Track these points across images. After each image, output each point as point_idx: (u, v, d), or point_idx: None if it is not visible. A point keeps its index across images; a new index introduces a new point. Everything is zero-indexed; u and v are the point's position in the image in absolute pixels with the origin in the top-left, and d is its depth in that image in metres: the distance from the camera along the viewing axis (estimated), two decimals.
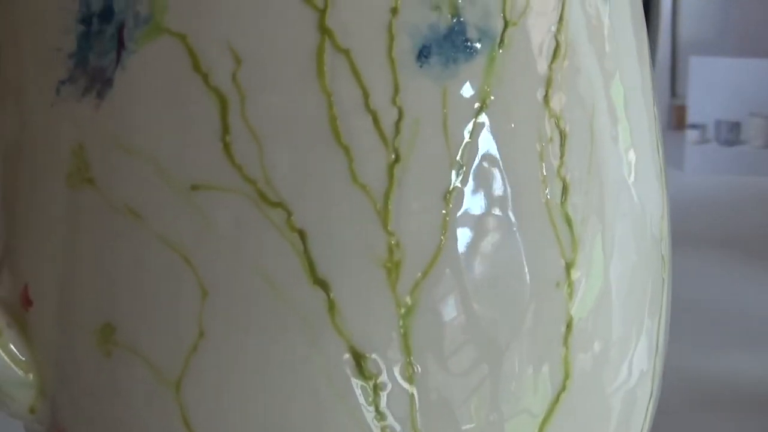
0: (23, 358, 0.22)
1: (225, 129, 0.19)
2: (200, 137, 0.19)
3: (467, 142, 0.20)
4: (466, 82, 0.20)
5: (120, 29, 0.19)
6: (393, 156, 0.19)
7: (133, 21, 0.19)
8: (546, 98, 0.21)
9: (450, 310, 0.20)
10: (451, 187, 0.20)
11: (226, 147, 0.19)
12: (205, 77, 0.19)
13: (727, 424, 0.43)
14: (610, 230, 0.22)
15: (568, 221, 0.21)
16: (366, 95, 0.19)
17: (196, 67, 0.19)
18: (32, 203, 0.21)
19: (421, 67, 0.19)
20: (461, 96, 0.20)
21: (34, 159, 0.21)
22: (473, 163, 0.20)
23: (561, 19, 0.21)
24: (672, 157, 0.73)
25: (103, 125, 0.20)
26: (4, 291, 0.22)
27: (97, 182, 0.20)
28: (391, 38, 0.19)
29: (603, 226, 0.22)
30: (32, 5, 0.21)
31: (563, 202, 0.21)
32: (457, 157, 0.20)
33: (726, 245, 0.62)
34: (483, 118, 0.20)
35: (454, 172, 0.20)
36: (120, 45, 0.19)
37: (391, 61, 0.19)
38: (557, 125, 0.21)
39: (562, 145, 0.21)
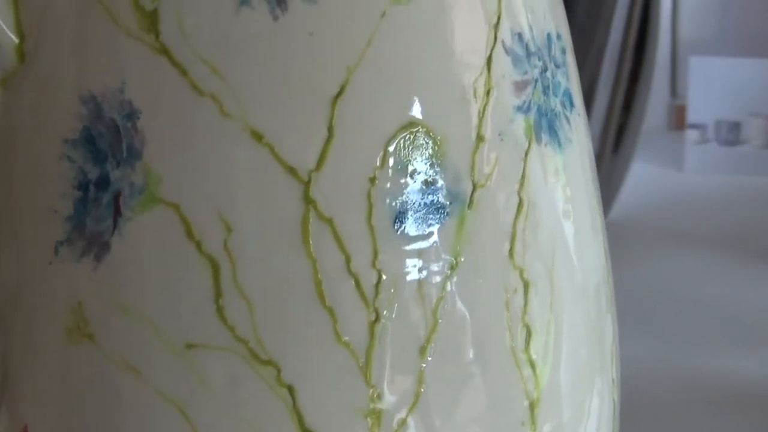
0: None
1: (218, 293, 0.20)
2: (195, 300, 0.21)
3: (439, 299, 0.21)
4: (439, 244, 0.21)
5: (116, 197, 0.21)
6: (373, 316, 0.21)
7: (129, 190, 0.21)
8: (511, 252, 0.22)
9: None
10: (426, 341, 0.21)
11: (219, 310, 0.20)
12: (198, 244, 0.20)
13: (726, 424, 0.44)
14: (571, 359, 0.24)
15: (532, 364, 0.22)
16: (348, 260, 0.21)
17: (190, 234, 0.20)
18: (29, 352, 0.22)
19: (398, 231, 0.21)
20: (435, 257, 0.21)
21: (32, 311, 0.22)
22: (446, 318, 0.21)
23: (523, 176, 0.23)
24: (672, 157, 0.73)
25: (102, 286, 0.21)
26: (3, 428, 0.23)
27: (96, 338, 0.21)
28: (370, 206, 0.21)
29: (563, 356, 0.23)
30: (30, 167, 0.22)
31: (527, 348, 0.22)
32: (431, 313, 0.21)
33: (726, 245, 0.62)
34: (454, 276, 0.21)
35: (429, 328, 0.21)
36: (116, 212, 0.21)
37: (371, 227, 0.21)
38: (521, 276, 0.22)
39: (525, 294, 0.22)
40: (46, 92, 0.22)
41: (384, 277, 0.21)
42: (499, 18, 0.23)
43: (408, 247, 0.21)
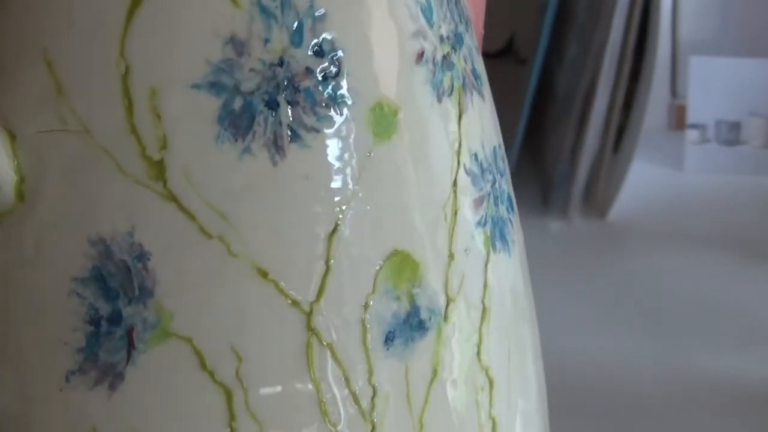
0: None
1: (231, 416, 0.22)
2: (209, 424, 0.22)
3: (424, 405, 0.24)
4: (421, 356, 0.24)
5: (129, 331, 0.22)
6: (370, 427, 0.23)
7: (142, 326, 0.22)
8: (478, 354, 0.25)
9: None
10: None
11: None
12: (211, 374, 0.22)
13: (726, 424, 0.45)
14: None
15: None
16: (347, 380, 0.23)
17: (203, 365, 0.22)
18: None
19: (388, 350, 0.23)
20: (419, 368, 0.24)
21: None
22: (430, 422, 0.24)
23: (485, 285, 0.26)
24: (672, 157, 0.72)
25: (117, 413, 0.22)
26: None
27: None
28: (365, 330, 0.23)
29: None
30: (34, 301, 0.23)
31: None
32: (417, 421, 0.24)
33: (726, 245, 0.62)
34: (435, 383, 0.24)
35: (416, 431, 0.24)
36: (130, 345, 0.22)
37: (366, 348, 0.23)
38: (487, 375, 0.25)
39: (491, 390, 0.25)
40: (50, 232, 0.23)
41: (378, 391, 0.23)
42: (459, 143, 0.25)
43: (397, 363, 0.23)
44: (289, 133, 0.22)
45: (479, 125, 0.26)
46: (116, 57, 0.22)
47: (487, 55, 0.30)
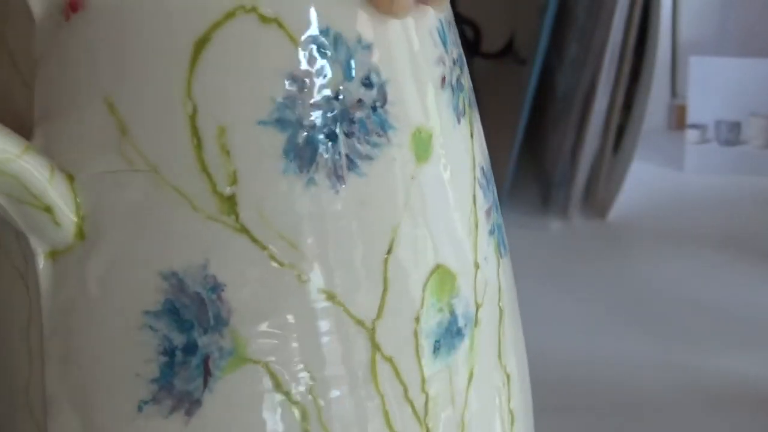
0: None
1: None
2: None
3: (466, 407, 0.26)
4: (461, 361, 0.26)
5: (205, 360, 0.23)
6: (425, 431, 0.25)
7: (219, 353, 0.23)
8: (499, 353, 0.28)
9: None
10: None
11: None
12: (287, 394, 0.23)
13: (727, 424, 0.45)
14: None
15: None
16: (405, 390, 0.25)
17: (278, 387, 0.23)
18: None
19: (436, 358, 0.25)
20: (459, 372, 0.26)
21: None
22: (468, 419, 0.26)
23: (499, 289, 0.28)
24: (672, 157, 0.71)
25: None
26: None
27: None
28: (417, 342, 0.25)
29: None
30: (101, 336, 0.24)
31: (512, 427, 0.28)
32: (460, 418, 0.26)
33: (726, 245, 0.62)
34: (473, 386, 0.26)
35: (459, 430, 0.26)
36: (206, 372, 0.23)
37: (418, 358, 0.25)
38: (505, 371, 0.28)
39: (508, 385, 0.28)
40: (116, 268, 0.23)
41: (430, 397, 0.25)
42: (473, 159, 0.27)
43: (443, 369, 0.25)
44: (347, 162, 0.24)
45: (481, 140, 0.28)
46: (183, 98, 0.23)
47: (487, 55, 0.32)
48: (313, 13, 0.23)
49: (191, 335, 0.23)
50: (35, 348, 0.24)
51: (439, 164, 0.26)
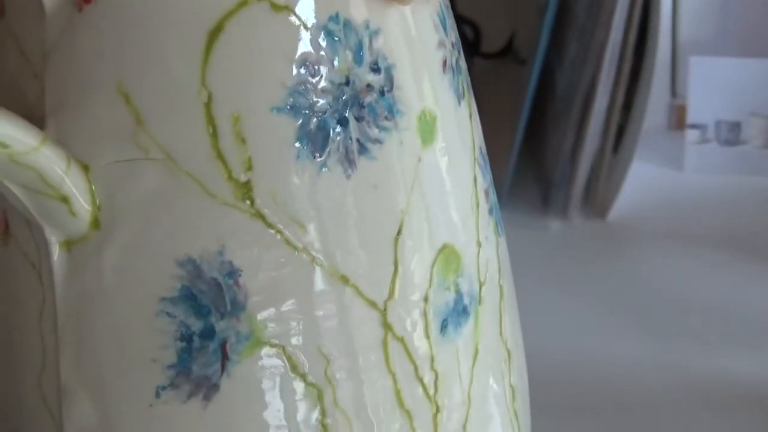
0: None
1: (323, 413, 0.24)
2: (303, 422, 0.24)
3: (470, 384, 0.27)
4: (467, 338, 0.27)
5: (223, 344, 0.23)
6: (435, 408, 0.26)
7: (236, 338, 0.23)
8: (501, 330, 0.28)
9: None
10: (465, 419, 0.27)
11: (325, 428, 0.24)
12: (303, 376, 0.24)
13: (727, 424, 0.44)
14: (525, 416, 0.30)
15: (516, 416, 0.29)
16: (416, 368, 0.25)
17: (295, 369, 0.24)
18: None
19: (444, 336, 0.26)
20: (465, 349, 0.27)
21: None
22: (476, 396, 0.27)
23: (499, 268, 0.28)
24: (672, 157, 0.72)
25: (213, 421, 0.24)
26: None
27: None
28: (426, 321, 0.25)
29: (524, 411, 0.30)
30: (118, 324, 0.24)
31: (513, 403, 0.29)
32: (466, 396, 0.26)
33: (726, 245, 0.62)
34: (478, 363, 0.27)
35: (465, 408, 0.27)
36: (224, 357, 0.23)
37: (428, 337, 0.26)
38: (506, 347, 0.28)
39: (509, 361, 0.29)
40: (132, 256, 0.23)
41: (439, 375, 0.26)
42: (473, 140, 0.28)
43: (450, 347, 0.26)
44: (358, 146, 0.24)
45: (477, 120, 0.29)
46: (198, 86, 0.23)
47: (487, 55, 0.32)
48: (323, 0, 0.24)
49: (208, 320, 0.23)
50: (49, 338, 0.24)
51: (444, 146, 0.26)
